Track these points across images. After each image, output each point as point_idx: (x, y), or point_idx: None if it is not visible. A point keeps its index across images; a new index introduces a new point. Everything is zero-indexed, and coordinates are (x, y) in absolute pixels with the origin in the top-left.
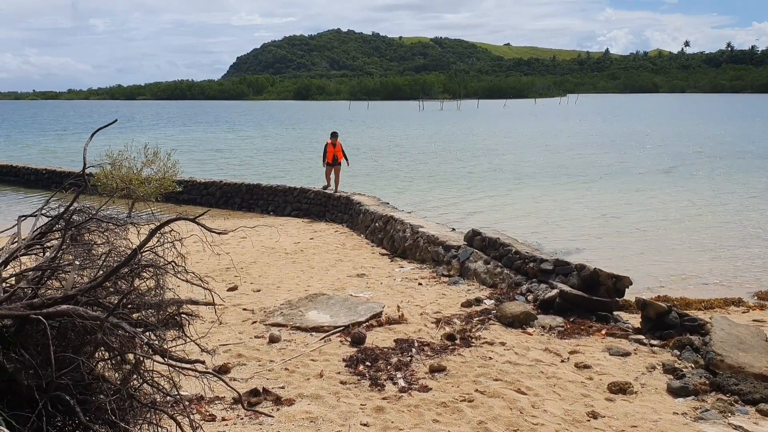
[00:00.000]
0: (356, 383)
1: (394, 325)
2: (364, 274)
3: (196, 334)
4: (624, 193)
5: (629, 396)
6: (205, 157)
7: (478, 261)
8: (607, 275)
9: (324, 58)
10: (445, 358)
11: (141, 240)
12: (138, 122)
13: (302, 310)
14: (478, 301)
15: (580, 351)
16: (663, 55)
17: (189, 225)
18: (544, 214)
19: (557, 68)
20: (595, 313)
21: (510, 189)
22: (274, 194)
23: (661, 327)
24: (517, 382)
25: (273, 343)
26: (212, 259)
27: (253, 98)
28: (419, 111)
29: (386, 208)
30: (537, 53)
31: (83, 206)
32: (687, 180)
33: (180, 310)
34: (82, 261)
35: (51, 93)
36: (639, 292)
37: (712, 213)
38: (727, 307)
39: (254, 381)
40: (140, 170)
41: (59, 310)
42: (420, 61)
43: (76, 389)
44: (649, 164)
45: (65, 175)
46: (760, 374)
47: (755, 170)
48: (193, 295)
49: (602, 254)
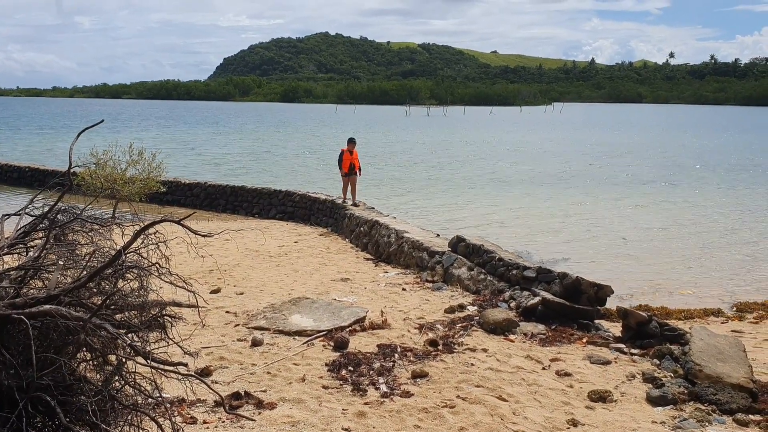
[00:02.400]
0: (338, 388)
1: (377, 330)
2: (348, 279)
3: (179, 336)
4: (607, 201)
5: (609, 404)
6: (190, 160)
7: (461, 267)
8: (589, 284)
9: (311, 61)
10: (428, 363)
11: (125, 241)
12: (123, 122)
13: (285, 314)
14: (461, 308)
15: (562, 359)
16: (648, 66)
17: (173, 226)
18: (528, 222)
19: (543, 76)
20: (577, 321)
21: (495, 196)
22: (259, 197)
23: (642, 336)
24: (499, 388)
25: (255, 346)
26: (195, 261)
27: (239, 99)
28: (406, 116)
29: (371, 212)
30: (523, 61)
31: (68, 206)
32: (670, 190)
33: (163, 312)
34: (65, 261)
35: (35, 90)
36: (620, 300)
37: (695, 223)
38: (707, 318)
39: (236, 384)
40: (125, 170)
41: (42, 310)
42: (407, 67)
43: (57, 390)
44: (633, 174)
45: (49, 173)
46: (738, 384)
47: (740, 182)
48: (176, 297)
49: (584, 262)
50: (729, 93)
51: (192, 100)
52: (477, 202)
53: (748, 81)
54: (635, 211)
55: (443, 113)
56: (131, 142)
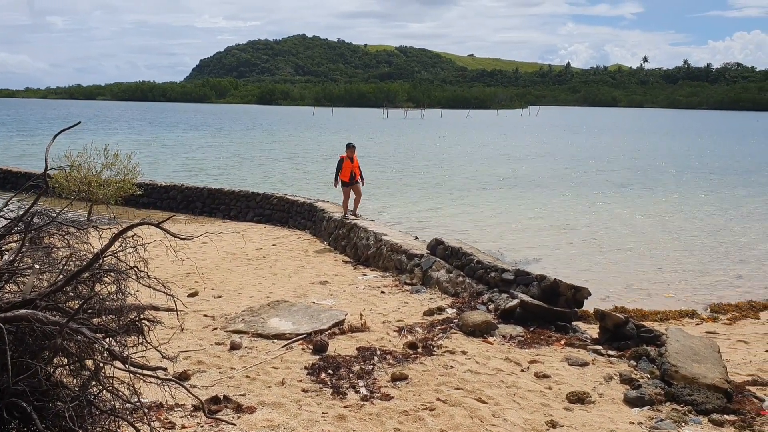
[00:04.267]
0: (318, 391)
1: (356, 333)
2: (327, 282)
3: (157, 340)
4: (583, 204)
5: (587, 406)
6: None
7: (440, 270)
8: (566, 286)
9: (288, 63)
10: (407, 366)
11: (102, 244)
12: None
13: (264, 317)
14: (440, 310)
15: (540, 361)
16: (622, 70)
17: (150, 229)
18: (505, 224)
19: (519, 80)
20: (555, 323)
21: (474, 198)
22: (236, 199)
23: (619, 338)
24: (478, 391)
25: (234, 350)
26: (173, 264)
27: (216, 101)
28: (383, 119)
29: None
30: (500, 65)
31: (43, 209)
32: (645, 193)
33: (141, 316)
34: (41, 265)
35: (7, 91)
36: (597, 302)
37: (669, 225)
38: (682, 319)
39: (215, 388)
40: (100, 172)
41: (17, 315)
42: (384, 69)
43: (33, 395)
44: (607, 177)
45: (22, 175)
46: (713, 385)
47: (715, 185)
48: (153, 301)
49: (561, 264)
50: (701, 97)
51: (168, 101)
52: (454, 204)
53: (720, 86)
54: (610, 214)
55: (421, 116)
56: (106, 144)
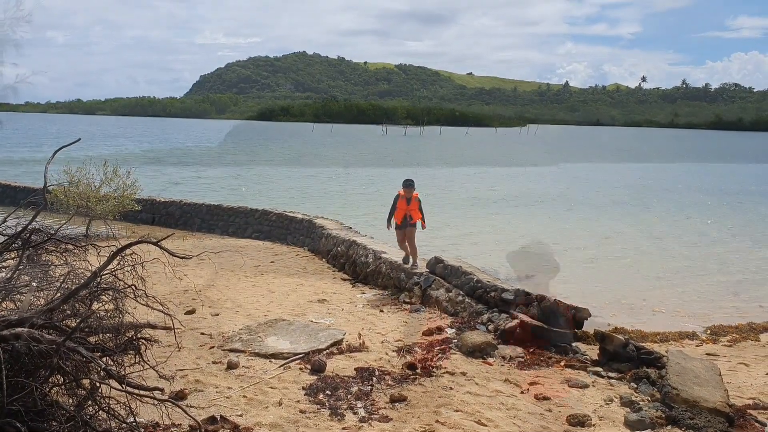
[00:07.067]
0: (316, 412)
1: (354, 352)
2: (325, 300)
3: (154, 359)
4: (581, 222)
5: (587, 428)
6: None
7: (440, 289)
8: (566, 306)
9: (288, 79)
10: (406, 387)
11: (100, 261)
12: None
13: (261, 336)
14: (439, 330)
15: (540, 382)
16: (621, 90)
17: (148, 246)
18: (504, 243)
19: (518, 99)
20: (555, 344)
21: (473, 217)
22: (235, 215)
23: (619, 359)
24: (478, 413)
25: (231, 369)
26: (171, 282)
27: (216, 117)
28: (382, 135)
29: (349, 232)
30: (499, 83)
31: (42, 225)
32: (642, 213)
33: (138, 334)
34: (39, 282)
35: (7, 105)
36: (597, 324)
37: (668, 246)
38: (682, 341)
39: (212, 408)
40: (99, 188)
41: (13, 333)
42: (384, 87)
43: (28, 416)
44: (603, 197)
45: (20, 190)
46: (715, 408)
47: (707, 207)
48: (150, 319)
49: (558, 283)
50: (700, 117)
51: (168, 117)
52: (453, 222)
53: (717, 106)
54: (609, 233)
55: (420, 133)
56: (105, 160)
